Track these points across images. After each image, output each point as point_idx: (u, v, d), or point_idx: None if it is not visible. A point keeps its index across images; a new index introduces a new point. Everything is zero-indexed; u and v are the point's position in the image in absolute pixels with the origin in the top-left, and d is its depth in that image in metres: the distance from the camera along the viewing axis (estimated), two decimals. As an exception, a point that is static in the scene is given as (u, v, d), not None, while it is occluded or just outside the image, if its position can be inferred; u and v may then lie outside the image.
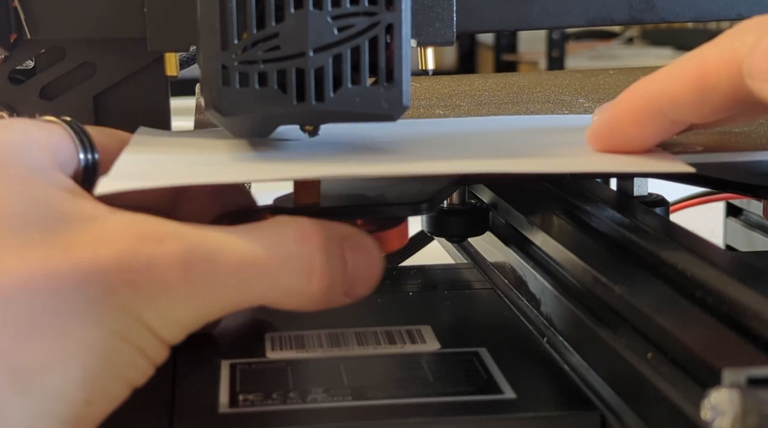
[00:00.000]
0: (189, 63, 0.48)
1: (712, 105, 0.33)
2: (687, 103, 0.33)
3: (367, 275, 0.33)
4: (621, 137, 0.36)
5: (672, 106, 0.34)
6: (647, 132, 0.35)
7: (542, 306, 0.40)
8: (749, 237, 0.57)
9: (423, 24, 0.41)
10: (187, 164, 0.36)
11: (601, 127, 0.36)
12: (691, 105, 0.33)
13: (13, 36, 0.42)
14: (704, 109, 0.33)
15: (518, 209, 0.45)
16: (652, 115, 0.34)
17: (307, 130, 0.38)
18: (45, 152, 0.33)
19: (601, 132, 0.36)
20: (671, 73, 0.34)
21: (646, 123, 0.35)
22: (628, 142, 0.36)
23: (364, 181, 0.41)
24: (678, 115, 0.34)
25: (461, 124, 0.47)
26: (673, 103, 0.34)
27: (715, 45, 0.33)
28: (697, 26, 2.42)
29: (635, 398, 0.31)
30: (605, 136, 0.36)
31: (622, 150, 0.36)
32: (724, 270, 0.33)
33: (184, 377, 0.35)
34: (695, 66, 0.33)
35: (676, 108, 0.34)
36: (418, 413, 0.32)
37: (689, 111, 0.34)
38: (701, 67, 0.33)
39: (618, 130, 0.35)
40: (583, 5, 0.44)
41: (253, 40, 0.34)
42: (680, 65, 0.34)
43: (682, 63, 0.34)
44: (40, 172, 0.32)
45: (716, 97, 0.33)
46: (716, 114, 0.34)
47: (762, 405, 0.25)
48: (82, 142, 0.35)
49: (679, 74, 0.34)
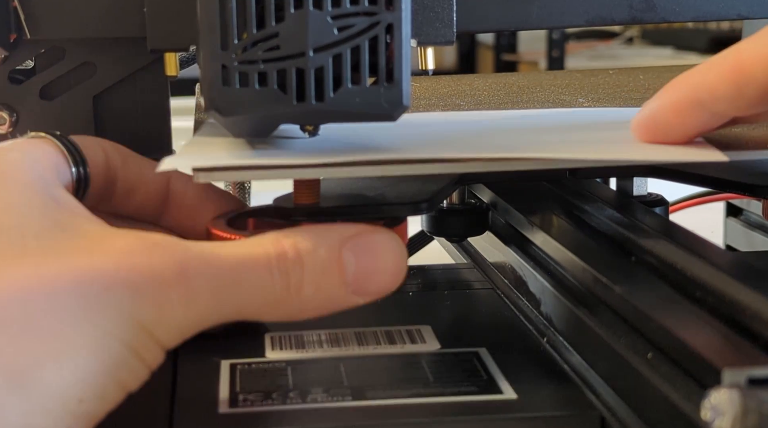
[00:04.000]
0: (189, 63, 0.48)
1: (749, 98, 0.34)
2: (724, 96, 0.34)
3: (378, 272, 0.33)
4: (664, 128, 0.36)
5: (710, 98, 0.35)
6: (688, 123, 0.36)
7: (542, 306, 0.40)
8: (749, 237, 0.57)
9: (423, 24, 0.41)
10: (246, 155, 0.36)
11: (646, 119, 0.37)
12: (728, 97, 0.34)
13: (13, 36, 0.42)
14: (741, 101, 0.34)
15: (518, 209, 0.45)
16: (692, 107, 0.35)
17: (307, 130, 0.38)
18: (46, 170, 0.34)
19: (645, 123, 0.37)
20: (710, 66, 0.35)
21: (686, 114, 0.36)
22: (669, 133, 0.36)
23: (364, 180, 0.41)
24: (717, 107, 0.35)
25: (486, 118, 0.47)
26: (712, 95, 0.35)
27: (754, 39, 0.34)
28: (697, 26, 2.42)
29: (635, 398, 0.31)
30: (649, 127, 0.37)
31: (665, 141, 0.37)
32: (724, 270, 0.33)
33: (184, 377, 0.35)
34: (732, 59, 0.34)
35: (714, 100, 0.35)
36: (418, 413, 0.32)
37: (727, 103, 0.35)
38: (738, 60, 0.34)
39: (661, 121, 0.36)
40: (583, 5, 0.44)
41: (253, 40, 0.34)
42: (719, 58, 0.35)
43: (720, 56, 0.35)
44: (42, 187, 0.33)
45: (752, 90, 0.33)
46: (754, 107, 0.34)
47: (762, 405, 0.25)
48: (74, 156, 0.36)
49: (717, 67, 0.34)
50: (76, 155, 0.36)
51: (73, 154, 0.36)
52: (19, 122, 0.44)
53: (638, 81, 0.54)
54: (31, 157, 0.34)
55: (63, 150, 0.36)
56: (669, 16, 0.45)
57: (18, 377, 0.28)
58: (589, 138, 0.41)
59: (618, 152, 0.37)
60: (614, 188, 0.50)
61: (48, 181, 0.33)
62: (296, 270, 0.32)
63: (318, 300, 0.32)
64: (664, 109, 0.36)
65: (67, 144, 0.36)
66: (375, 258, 0.33)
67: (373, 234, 0.33)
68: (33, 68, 0.44)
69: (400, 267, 0.33)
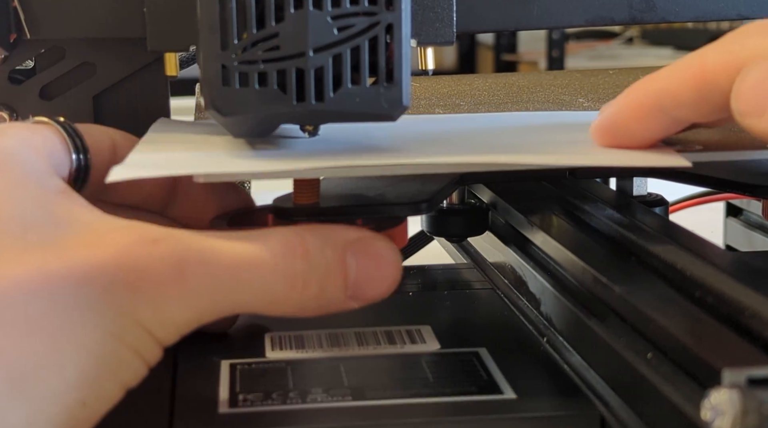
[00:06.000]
0: (189, 63, 0.48)
1: (712, 105, 0.34)
2: (687, 102, 0.34)
3: (376, 279, 0.33)
4: (624, 133, 0.36)
5: (673, 104, 0.34)
6: (649, 128, 0.36)
7: (542, 306, 0.40)
8: (749, 237, 0.57)
9: (423, 24, 0.41)
10: (199, 157, 0.36)
11: (605, 123, 0.37)
12: (691, 104, 0.34)
13: (13, 36, 0.42)
14: (704, 108, 0.34)
15: (518, 209, 0.45)
16: (654, 112, 0.35)
17: (307, 130, 0.38)
18: (40, 156, 0.33)
19: (605, 127, 0.37)
20: (673, 71, 0.34)
21: (648, 119, 0.35)
22: (630, 138, 0.36)
23: (363, 180, 0.41)
24: (679, 113, 0.35)
25: (459, 121, 0.47)
26: (674, 101, 0.34)
27: (717, 46, 0.33)
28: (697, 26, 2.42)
29: (635, 398, 0.31)
30: (609, 132, 0.36)
31: (625, 145, 0.36)
32: (724, 270, 0.33)
33: (184, 377, 0.35)
34: (696, 66, 0.34)
35: (676, 106, 0.34)
36: (418, 413, 0.32)
37: (689, 109, 0.34)
38: (702, 67, 0.33)
39: (621, 126, 0.36)
40: (583, 5, 0.44)
41: (253, 40, 0.34)
42: (682, 64, 0.34)
43: (683, 62, 0.34)
44: (37, 176, 0.32)
45: (715, 97, 0.33)
46: (716, 113, 0.34)
47: (762, 405, 0.25)
48: (75, 143, 0.35)
49: (681, 73, 0.34)
50: (77, 142, 0.35)
51: (75, 140, 0.35)
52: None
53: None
54: (27, 144, 0.33)
55: (64, 136, 0.35)
56: (669, 16, 0.45)
57: (20, 381, 0.28)
58: (558, 140, 0.41)
59: (581, 157, 0.37)
60: (614, 188, 0.50)
61: (43, 170, 0.33)
62: (304, 268, 0.32)
63: (319, 302, 0.32)
64: (625, 114, 0.36)
65: (69, 130, 0.35)
66: (375, 264, 0.33)
67: (375, 241, 0.33)
68: (33, 68, 0.44)
69: (396, 276, 0.34)
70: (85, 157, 0.36)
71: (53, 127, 0.35)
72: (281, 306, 0.32)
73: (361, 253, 0.33)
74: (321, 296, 0.32)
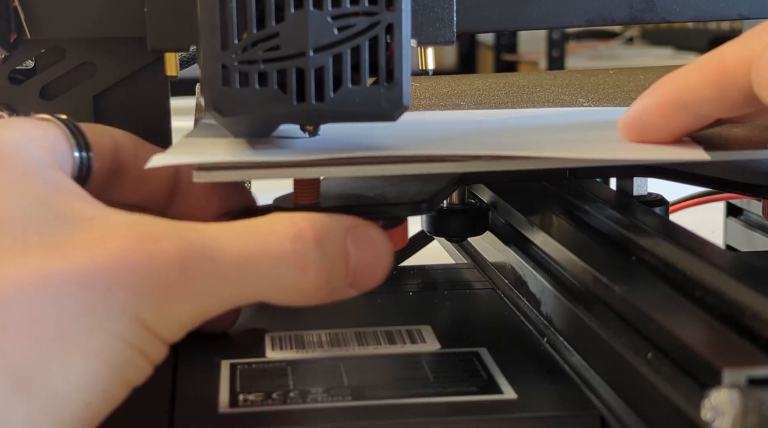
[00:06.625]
0: (189, 63, 0.48)
1: (732, 100, 0.34)
2: (708, 97, 0.35)
3: (373, 266, 0.33)
4: (649, 128, 0.37)
5: (694, 99, 0.35)
6: (673, 123, 0.36)
7: (542, 306, 0.40)
8: (749, 237, 0.57)
9: (423, 24, 0.41)
10: (235, 151, 0.36)
11: (632, 119, 0.37)
12: (711, 99, 0.35)
13: (13, 36, 0.42)
14: (724, 103, 0.35)
15: (518, 209, 0.45)
16: (676, 108, 0.36)
17: (307, 130, 0.38)
18: (44, 151, 0.33)
19: (631, 123, 0.37)
20: (694, 67, 0.35)
21: (671, 115, 0.36)
22: (656, 133, 0.37)
23: (363, 181, 0.41)
24: (700, 108, 0.35)
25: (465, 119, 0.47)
26: (696, 96, 0.35)
27: (736, 42, 0.34)
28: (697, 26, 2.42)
29: (635, 398, 0.31)
30: (635, 127, 0.37)
31: (651, 140, 0.37)
32: (724, 270, 0.33)
33: (184, 377, 0.35)
34: (716, 62, 0.34)
35: (698, 102, 0.35)
36: (418, 413, 0.32)
37: (710, 105, 0.35)
38: (721, 62, 0.34)
39: (647, 122, 0.37)
40: (583, 5, 0.44)
41: (253, 40, 0.34)
42: (703, 60, 0.35)
43: (704, 58, 0.35)
44: (39, 171, 0.32)
45: (734, 92, 0.34)
46: (737, 108, 0.35)
47: (762, 405, 0.25)
48: (77, 141, 0.35)
49: (701, 69, 0.35)
50: (80, 139, 0.35)
51: (77, 137, 0.35)
52: (19, 122, 0.44)
53: (638, 81, 0.54)
54: (29, 137, 0.33)
55: (66, 133, 0.35)
56: (669, 16, 0.45)
57: (24, 383, 0.28)
58: (583, 138, 0.41)
59: (607, 152, 0.37)
60: (614, 188, 0.50)
61: (45, 164, 0.33)
62: (316, 255, 0.32)
63: (326, 290, 0.32)
64: (650, 109, 0.36)
65: (72, 127, 0.35)
66: (371, 251, 0.33)
67: (369, 228, 0.33)
68: (33, 68, 0.44)
69: (389, 263, 0.34)
70: (88, 155, 0.35)
71: (56, 124, 0.35)
72: (290, 295, 0.32)
73: (358, 240, 0.33)
74: (328, 283, 0.32)
